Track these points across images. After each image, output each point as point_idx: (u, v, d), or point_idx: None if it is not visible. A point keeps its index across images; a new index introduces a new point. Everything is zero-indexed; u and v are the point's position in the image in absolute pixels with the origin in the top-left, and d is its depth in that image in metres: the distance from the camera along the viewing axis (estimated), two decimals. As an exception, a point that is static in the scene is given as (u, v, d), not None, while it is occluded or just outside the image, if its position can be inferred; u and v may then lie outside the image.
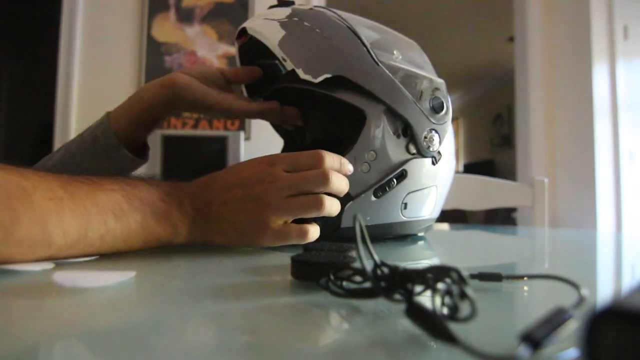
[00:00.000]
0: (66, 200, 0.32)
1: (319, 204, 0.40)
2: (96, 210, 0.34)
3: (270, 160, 0.42)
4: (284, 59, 0.47)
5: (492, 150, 5.77)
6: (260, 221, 0.40)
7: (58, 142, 2.21)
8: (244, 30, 0.52)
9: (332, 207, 0.42)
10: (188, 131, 2.24)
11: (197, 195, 0.41)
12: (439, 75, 0.54)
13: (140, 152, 0.59)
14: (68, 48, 2.23)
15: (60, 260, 0.33)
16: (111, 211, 0.35)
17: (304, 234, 0.41)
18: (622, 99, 2.41)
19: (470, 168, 6.00)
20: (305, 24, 0.49)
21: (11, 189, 0.30)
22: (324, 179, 0.40)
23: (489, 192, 1.14)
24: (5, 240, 0.29)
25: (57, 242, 0.32)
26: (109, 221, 0.35)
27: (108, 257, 0.35)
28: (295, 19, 0.50)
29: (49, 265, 0.31)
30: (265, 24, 0.50)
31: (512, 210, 3.14)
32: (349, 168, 0.45)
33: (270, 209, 0.40)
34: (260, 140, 2.14)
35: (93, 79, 2.26)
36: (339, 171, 0.43)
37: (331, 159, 0.42)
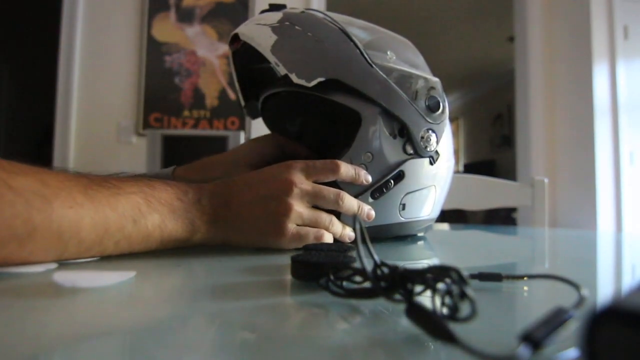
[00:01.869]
0: (87, 206, 0.32)
1: (332, 222, 0.44)
2: (115, 216, 0.34)
3: (288, 164, 0.44)
4: (277, 64, 0.47)
5: (492, 150, 5.78)
6: (281, 221, 0.41)
7: (58, 142, 2.21)
8: (236, 36, 0.52)
9: (337, 228, 0.45)
10: (188, 131, 2.24)
11: (216, 194, 0.42)
12: (440, 75, 0.54)
13: None
14: (68, 48, 2.23)
15: (64, 261, 0.33)
16: (130, 216, 0.35)
17: (320, 237, 0.42)
18: (622, 99, 2.41)
19: (471, 168, 6.00)
20: (297, 27, 0.49)
21: (31, 198, 0.29)
22: (337, 200, 0.44)
23: (489, 192, 1.14)
24: (17, 251, 0.29)
25: (70, 250, 0.32)
26: (127, 226, 0.35)
27: (109, 257, 0.35)
28: (287, 23, 0.49)
29: (52, 266, 0.31)
30: (257, 29, 0.50)
31: (512, 210, 3.14)
32: (367, 179, 0.47)
33: (292, 208, 0.41)
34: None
35: (93, 79, 2.26)
36: (354, 180, 0.46)
37: (346, 168, 0.45)
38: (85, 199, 0.32)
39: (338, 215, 0.45)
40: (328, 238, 0.43)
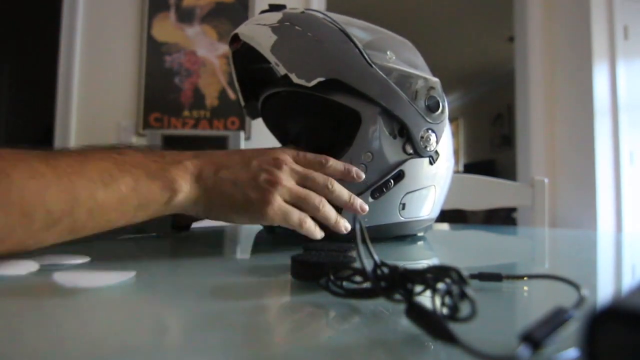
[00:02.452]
0: (49, 175, 0.30)
1: (322, 202, 0.43)
2: (83, 182, 0.32)
3: (281, 148, 0.45)
4: (276, 64, 0.47)
5: (492, 150, 5.78)
6: (268, 190, 0.40)
7: (58, 142, 2.21)
8: (236, 36, 0.52)
9: (329, 212, 0.44)
10: (188, 131, 2.24)
11: (202, 155, 0.42)
12: (439, 75, 0.54)
13: None
14: (68, 48, 2.23)
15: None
16: (100, 180, 0.33)
17: (303, 221, 0.42)
18: (622, 99, 2.41)
19: (471, 168, 6.00)
20: (297, 28, 0.49)
21: None
22: (326, 184, 0.44)
23: (489, 192, 1.14)
24: None
25: (38, 223, 0.30)
26: (98, 192, 0.32)
27: (107, 257, 0.35)
28: (287, 23, 0.50)
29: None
30: (257, 29, 0.50)
31: (512, 210, 3.14)
32: (359, 175, 0.46)
33: (281, 181, 0.41)
34: (260, 140, 2.14)
35: (93, 79, 2.26)
36: (344, 176, 0.46)
37: (335, 163, 0.45)
38: (47, 168, 0.31)
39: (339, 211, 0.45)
40: (311, 225, 0.42)
